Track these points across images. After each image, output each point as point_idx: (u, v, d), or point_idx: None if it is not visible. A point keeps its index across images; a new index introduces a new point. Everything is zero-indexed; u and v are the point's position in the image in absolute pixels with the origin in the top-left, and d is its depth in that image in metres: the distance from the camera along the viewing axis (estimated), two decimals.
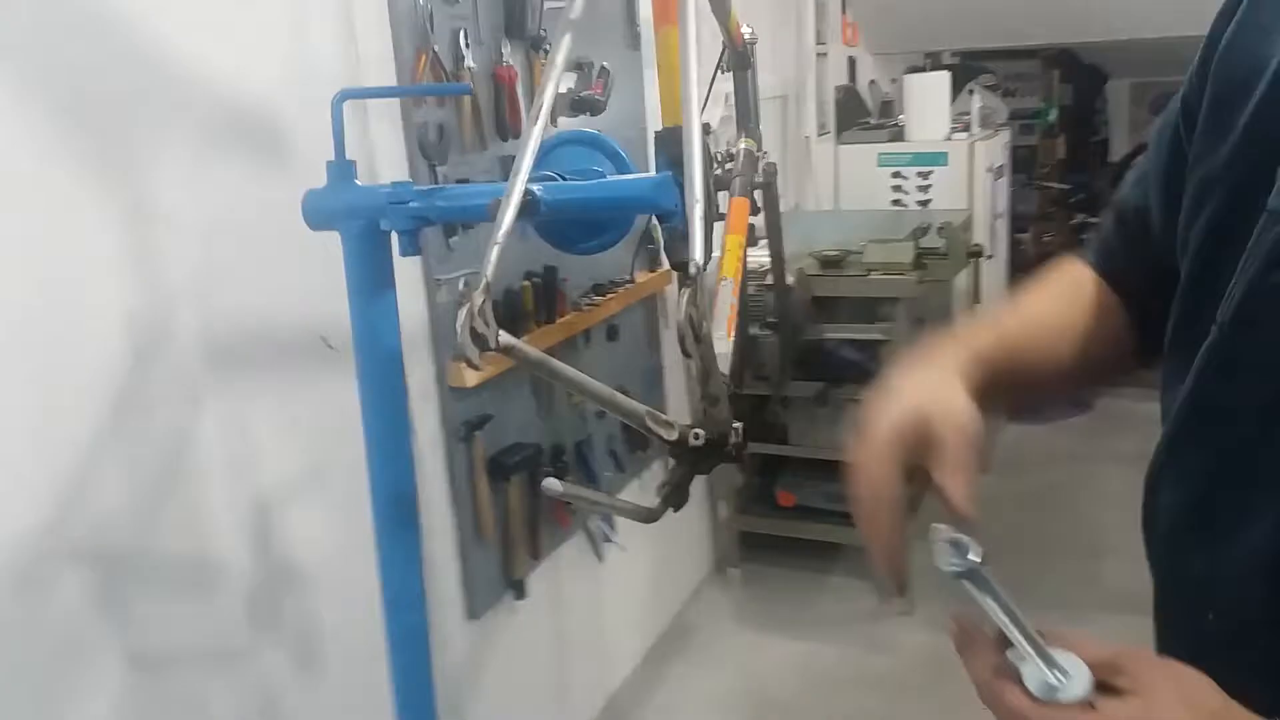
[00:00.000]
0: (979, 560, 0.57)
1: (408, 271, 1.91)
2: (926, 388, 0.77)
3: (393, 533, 1.26)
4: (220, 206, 1.45)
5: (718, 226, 1.57)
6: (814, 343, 3.09)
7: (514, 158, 1.63)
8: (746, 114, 1.71)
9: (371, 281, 1.16)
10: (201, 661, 1.51)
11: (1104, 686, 0.60)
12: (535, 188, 1.04)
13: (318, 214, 1.16)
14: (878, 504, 0.74)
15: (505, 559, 2.21)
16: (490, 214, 1.00)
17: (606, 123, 2.29)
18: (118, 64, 1.34)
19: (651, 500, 1.12)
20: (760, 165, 1.67)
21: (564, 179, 1.14)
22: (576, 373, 0.99)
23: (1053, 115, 5.43)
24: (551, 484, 0.73)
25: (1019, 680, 0.59)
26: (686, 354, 0.73)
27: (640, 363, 2.79)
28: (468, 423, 2.03)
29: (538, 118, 0.87)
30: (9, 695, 1.23)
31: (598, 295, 2.39)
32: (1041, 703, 0.59)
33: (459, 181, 1.88)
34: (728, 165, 1.64)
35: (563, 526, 2.43)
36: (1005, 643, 0.62)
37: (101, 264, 1.33)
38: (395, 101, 1.77)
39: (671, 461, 1.13)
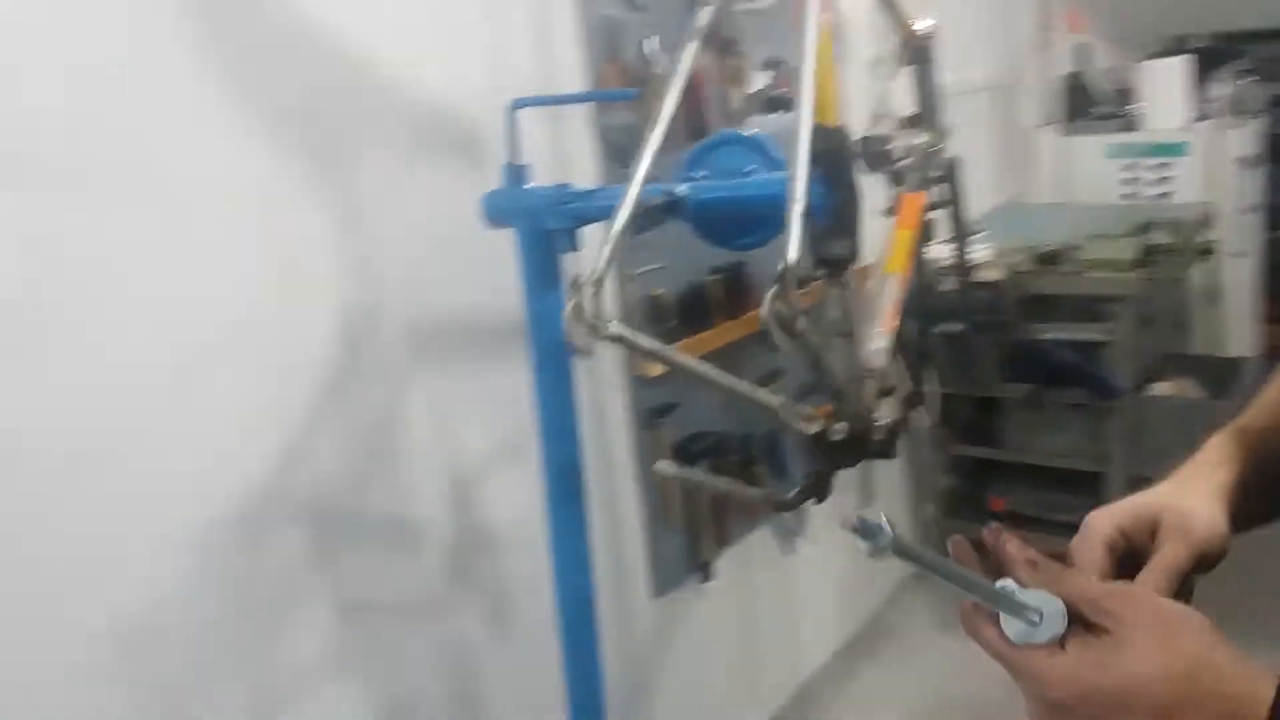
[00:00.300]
0: (891, 532, 0.58)
1: None
2: (1172, 494, 0.77)
3: (561, 504, 1.37)
4: (422, 207, 1.61)
5: (883, 222, 1.59)
6: (1026, 343, 2.98)
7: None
8: (927, 107, 1.70)
9: (540, 276, 1.28)
10: (402, 613, 1.69)
11: (1088, 625, 0.61)
12: (682, 188, 1.11)
13: (494, 213, 1.28)
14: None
15: (691, 542, 2.30)
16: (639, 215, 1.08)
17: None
18: (337, 80, 1.52)
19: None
20: (938, 160, 1.66)
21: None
22: (699, 363, 1.05)
23: None
24: (662, 466, 0.80)
25: (996, 618, 0.62)
26: (774, 347, 0.77)
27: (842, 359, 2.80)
28: (653, 410, 2.13)
29: (658, 125, 0.93)
30: (236, 630, 1.44)
31: None
32: (1012, 644, 0.61)
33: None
34: (903, 160, 1.64)
35: (750, 516, 2.48)
36: (996, 575, 0.63)
37: (321, 259, 1.52)
38: (588, 106, 1.89)
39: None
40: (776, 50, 2.30)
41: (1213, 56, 3.82)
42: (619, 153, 1.94)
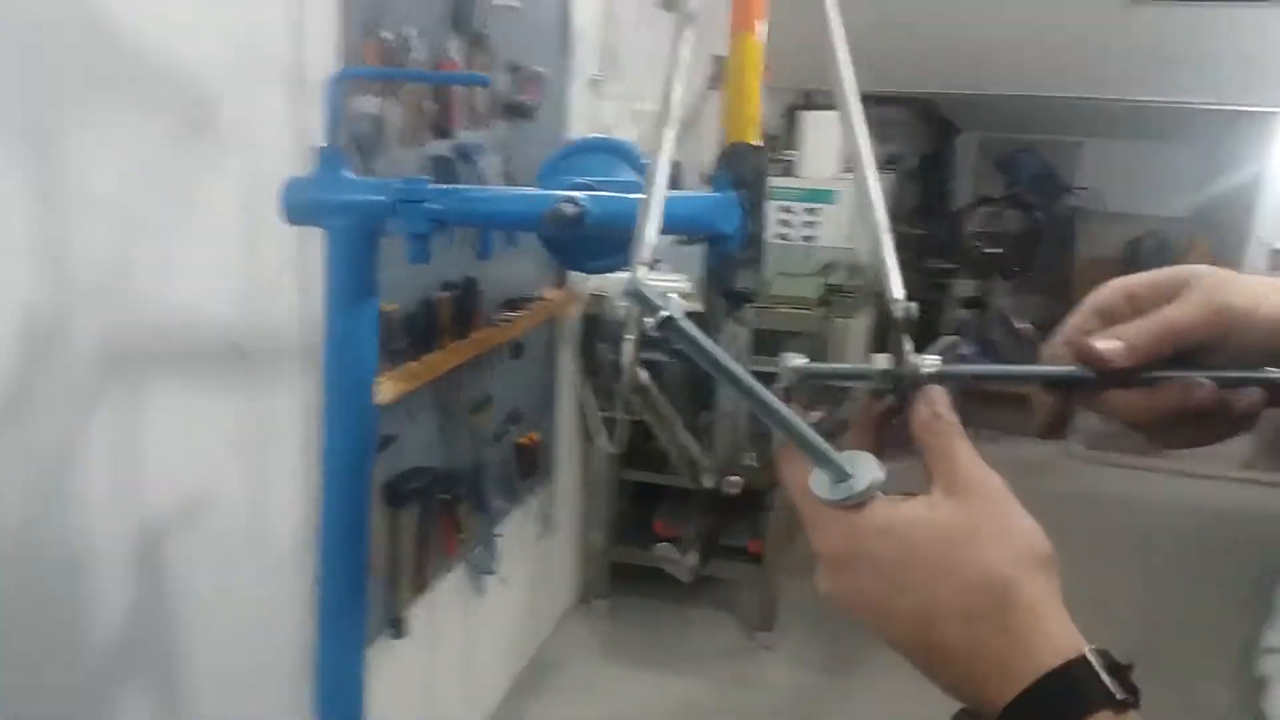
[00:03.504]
0: (669, 314, 0.50)
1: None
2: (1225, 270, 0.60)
3: (338, 556, 1.09)
4: (141, 192, 1.25)
5: None
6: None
7: (447, 159, 1.46)
8: None
9: (356, 287, 1.00)
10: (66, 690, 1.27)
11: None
12: (581, 196, 0.91)
13: (301, 207, 0.98)
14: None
15: (389, 596, 2.02)
16: (547, 222, 0.86)
17: (536, 129, 2.17)
18: (52, 34, 1.12)
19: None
20: None
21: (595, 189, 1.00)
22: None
23: (909, 163, 5.61)
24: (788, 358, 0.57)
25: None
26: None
27: (540, 382, 2.67)
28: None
29: (668, 122, 0.73)
30: None
31: (510, 311, 2.24)
32: (809, 491, 0.52)
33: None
34: None
35: (449, 555, 2.25)
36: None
37: (6, 247, 1.10)
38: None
39: None
40: (518, 55, 2.12)
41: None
42: (364, 143, 1.63)
